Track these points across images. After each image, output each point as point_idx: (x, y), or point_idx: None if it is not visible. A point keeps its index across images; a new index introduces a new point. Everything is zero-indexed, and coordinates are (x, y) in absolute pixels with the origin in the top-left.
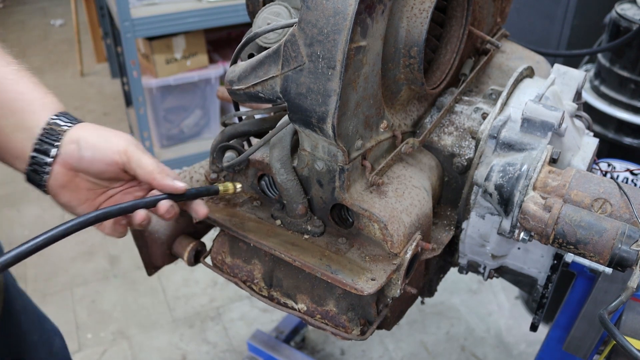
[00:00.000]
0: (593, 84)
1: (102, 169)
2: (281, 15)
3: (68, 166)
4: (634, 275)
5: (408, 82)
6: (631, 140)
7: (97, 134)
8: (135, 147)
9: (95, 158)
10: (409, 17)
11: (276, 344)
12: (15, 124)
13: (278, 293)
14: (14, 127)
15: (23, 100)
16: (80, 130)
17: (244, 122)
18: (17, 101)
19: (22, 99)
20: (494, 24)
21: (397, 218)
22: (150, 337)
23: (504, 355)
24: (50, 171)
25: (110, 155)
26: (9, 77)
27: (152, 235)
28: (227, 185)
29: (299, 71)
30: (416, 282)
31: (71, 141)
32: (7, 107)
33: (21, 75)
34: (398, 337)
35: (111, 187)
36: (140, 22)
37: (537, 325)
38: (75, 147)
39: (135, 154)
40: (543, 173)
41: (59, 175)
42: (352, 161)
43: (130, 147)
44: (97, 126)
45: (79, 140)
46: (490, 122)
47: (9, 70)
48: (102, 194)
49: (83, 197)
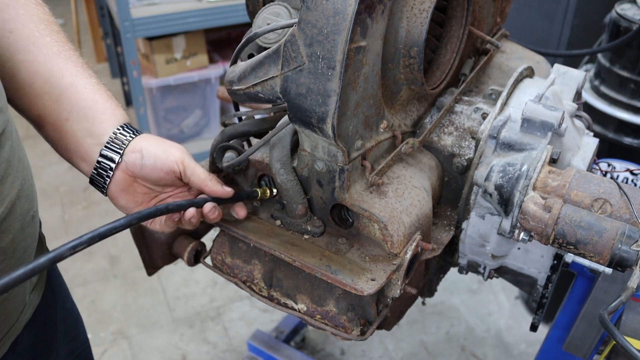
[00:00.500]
0: (593, 84)
1: (160, 176)
2: (281, 16)
3: (130, 173)
4: (634, 275)
5: (408, 82)
6: (631, 140)
7: (157, 144)
8: (189, 157)
9: (155, 167)
10: (409, 17)
11: (276, 344)
12: (87, 129)
13: (278, 293)
14: (85, 132)
15: (97, 109)
16: (142, 141)
17: (244, 122)
18: (91, 109)
19: (96, 107)
20: (494, 24)
21: (397, 218)
22: (150, 337)
23: (504, 355)
24: (113, 176)
25: (169, 165)
26: (88, 87)
27: (152, 235)
28: (265, 190)
29: (299, 71)
30: (416, 282)
31: (134, 150)
32: (84, 114)
33: (98, 88)
34: (398, 337)
35: (163, 192)
36: (140, 22)
37: (537, 325)
38: (139, 155)
39: (190, 164)
40: (543, 173)
41: (120, 180)
42: (352, 161)
43: (185, 157)
44: (156, 137)
45: (141, 149)
46: (490, 122)
47: (89, 82)
48: (155, 197)
49: (139, 200)
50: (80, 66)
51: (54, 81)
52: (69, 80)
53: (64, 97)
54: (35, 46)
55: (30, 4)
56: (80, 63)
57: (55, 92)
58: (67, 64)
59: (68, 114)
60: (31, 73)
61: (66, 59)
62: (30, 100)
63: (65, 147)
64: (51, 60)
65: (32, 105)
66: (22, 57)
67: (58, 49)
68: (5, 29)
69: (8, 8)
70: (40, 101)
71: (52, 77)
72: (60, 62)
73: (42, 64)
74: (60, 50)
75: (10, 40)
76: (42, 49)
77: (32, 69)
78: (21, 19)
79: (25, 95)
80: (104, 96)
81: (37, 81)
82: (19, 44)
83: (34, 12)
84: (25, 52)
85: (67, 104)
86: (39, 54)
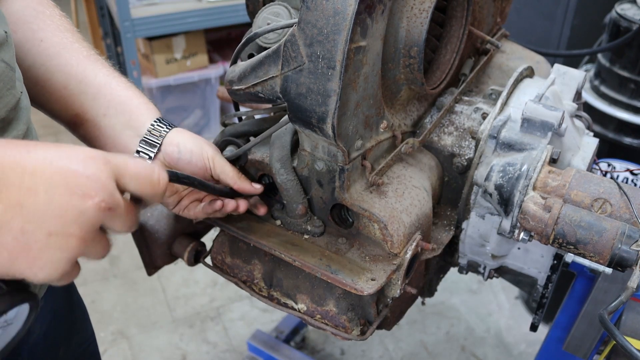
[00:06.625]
0: (593, 84)
1: (194, 171)
2: (281, 16)
3: (166, 164)
4: (634, 275)
5: (408, 82)
6: (631, 140)
7: (193, 140)
8: (220, 156)
9: (191, 162)
10: (409, 17)
11: (276, 344)
12: (125, 122)
13: (278, 293)
14: (123, 125)
15: (132, 104)
16: (179, 135)
17: (244, 122)
18: (127, 104)
19: (131, 102)
20: (494, 24)
21: (397, 218)
22: (150, 337)
23: (504, 355)
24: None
25: (203, 161)
26: (121, 85)
27: (152, 235)
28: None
29: (299, 71)
30: (416, 282)
31: (171, 143)
32: (121, 108)
33: (129, 85)
34: (398, 337)
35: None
36: (140, 22)
37: (537, 325)
38: (176, 149)
39: (220, 162)
40: (543, 173)
41: None
42: (352, 161)
43: (217, 155)
44: (190, 132)
45: (179, 144)
46: (490, 122)
47: (121, 80)
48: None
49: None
50: (108, 67)
51: (88, 81)
52: (103, 80)
53: (100, 95)
54: (66, 51)
55: (55, 15)
56: (107, 65)
57: (91, 90)
58: (97, 65)
59: (105, 110)
60: (65, 75)
61: (95, 61)
62: (66, 101)
63: (104, 142)
64: (82, 62)
65: (69, 105)
66: (55, 62)
67: (87, 53)
68: (35, 38)
69: (36, 20)
70: (77, 100)
71: (86, 77)
72: (91, 64)
73: (75, 66)
74: (89, 54)
75: (41, 49)
76: (73, 53)
77: (66, 71)
78: (49, 29)
79: (61, 97)
80: (137, 92)
81: (72, 82)
82: (50, 50)
83: (59, 22)
84: (57, 57)
85: (103, 100)
86: (70, 58)
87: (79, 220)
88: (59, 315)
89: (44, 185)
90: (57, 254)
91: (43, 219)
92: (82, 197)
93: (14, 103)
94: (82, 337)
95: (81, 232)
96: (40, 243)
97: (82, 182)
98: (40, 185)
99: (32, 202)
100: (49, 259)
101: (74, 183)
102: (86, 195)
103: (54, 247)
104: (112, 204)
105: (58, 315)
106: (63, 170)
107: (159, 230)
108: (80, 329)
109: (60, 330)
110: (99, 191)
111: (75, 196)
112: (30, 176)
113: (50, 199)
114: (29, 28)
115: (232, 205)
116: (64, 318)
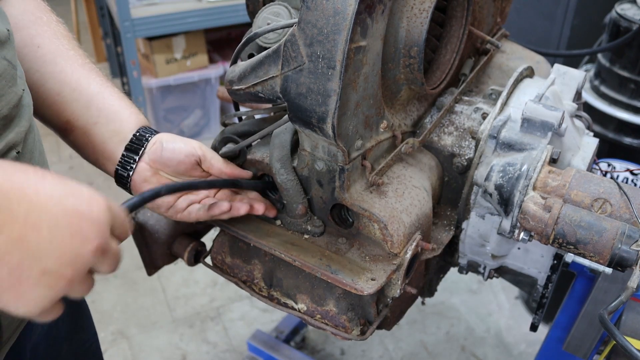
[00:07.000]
0: (593, 84)
1: (180, 159)
2: (281, 15)
3: (151, 162)
4: (634, 275)
5: (408, 82)
6: (631, 140)
7: (177, 137)
8: (207, 148)
9: (175, 150)
10: (409, 17)
11: (276, 344)
12: (113, 130)
13: (278, 293)
14: (112, 133)
15: (121, 112)
16: (163, 135)
17: (244, 122)
18: (118, 114)
19: (120, 111)
20: (494, 24)
21: (397, 218)
22: (150, 337)
23: (504, 355)
24: (135, 168)
25: (189, 149)
26: (113, 95)
27: (152, 235)
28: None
29: (299, 71)
30: (416, 282)
31: (155, 142)
32: (111, 117)
33: (122, 96)
34: (398, 337)
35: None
36: (140, 22)
37: (537, 325)
38: (159, 145)
39: (208, 152)
40: (543, 173)
41: (142, 170)
42: (352, 161)
43: (203, 147)
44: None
45: (162, 141)
46: (490, 122)
47: (114, 90)
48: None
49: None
50: (102, 77)
51: (82, 89)
52: (96, 89)
53: (92, 103)
54: (62, 58)
55: (52, 21)
56: (101, 74)
57: (83, 99)
58: (92, 74)
59: (97, 118)
60: (59, 82)
61: (90, 70)
62: (58, 108)
63: (92, 149)
64: (77, 70)
65: (61, 112)
66: (50, 68)
67: (82, 61)
68: (33, 44)
69: (34, 25)
70: (69, 108)
71: (79, 85)
72: (85, 73)
73: (70, 74)
74: (84, 62)
75: (38, 55)
76: (68, 61)
77: (60, 78)
78: (47, 35)
79: (54, 103)
80: (128, 103)
81: (66, 89)
82: (47, 57)
83: (56, 29)
84: (52, 64)
85: (95, 109)
86: (65, 65)
87: (74, 262)
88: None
89: (48, 223)
90: (45, 291)
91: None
92: (82, 241)
93: (16, 100)
94: (85, 335)
95: (73, 273)
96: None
97: (85, 225)
98: (45, 222)
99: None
100: (36, 295)
101: (77, 225)
102: (86, 239)
103: (44, 285)
104: (107, 248)
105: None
106: (69, 210)
107: (159, 230)
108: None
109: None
110: (98, 235)
111: (76, 238)
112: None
113: (52, 237)
114: (27, 33)
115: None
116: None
